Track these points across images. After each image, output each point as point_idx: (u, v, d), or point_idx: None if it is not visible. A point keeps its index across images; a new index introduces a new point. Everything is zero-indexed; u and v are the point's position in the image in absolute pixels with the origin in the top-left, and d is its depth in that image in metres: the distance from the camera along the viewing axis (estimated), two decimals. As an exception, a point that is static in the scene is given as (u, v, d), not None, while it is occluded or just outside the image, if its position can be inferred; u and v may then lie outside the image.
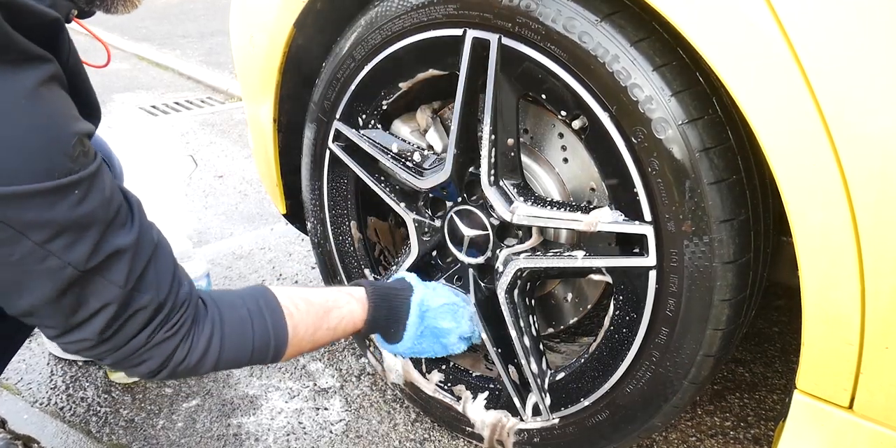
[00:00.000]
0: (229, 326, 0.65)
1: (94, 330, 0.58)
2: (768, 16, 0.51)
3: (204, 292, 0.67)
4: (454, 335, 0.81)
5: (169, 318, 0.61)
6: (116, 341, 0.59)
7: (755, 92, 0.53)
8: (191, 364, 0.63)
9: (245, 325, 0.66)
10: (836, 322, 0.55)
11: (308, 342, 0.71)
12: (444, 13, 0.72)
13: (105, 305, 0.57)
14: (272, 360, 0.69)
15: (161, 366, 0.62)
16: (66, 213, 0.53)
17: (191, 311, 0.63)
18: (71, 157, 0.53)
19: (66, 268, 0.54)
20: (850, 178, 0.50)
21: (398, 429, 0.98)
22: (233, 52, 1.03)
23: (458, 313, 0.81)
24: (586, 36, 0.62)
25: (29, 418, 1.02)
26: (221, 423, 1.00)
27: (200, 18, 3.77)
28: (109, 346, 0.59)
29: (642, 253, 0.66)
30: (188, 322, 0.62)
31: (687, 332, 0.65)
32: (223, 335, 0.64)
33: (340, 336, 0.75)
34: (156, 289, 0.60)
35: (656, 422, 0.72)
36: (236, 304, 0.67)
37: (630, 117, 0.61)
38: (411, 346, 0.80)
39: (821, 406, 0.58)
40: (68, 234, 0.53)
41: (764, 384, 1.03)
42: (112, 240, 0.56)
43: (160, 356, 0.61)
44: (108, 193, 0.56)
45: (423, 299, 0.79)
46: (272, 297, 0.69)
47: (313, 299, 0.72)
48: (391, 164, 0.84)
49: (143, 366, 0.62)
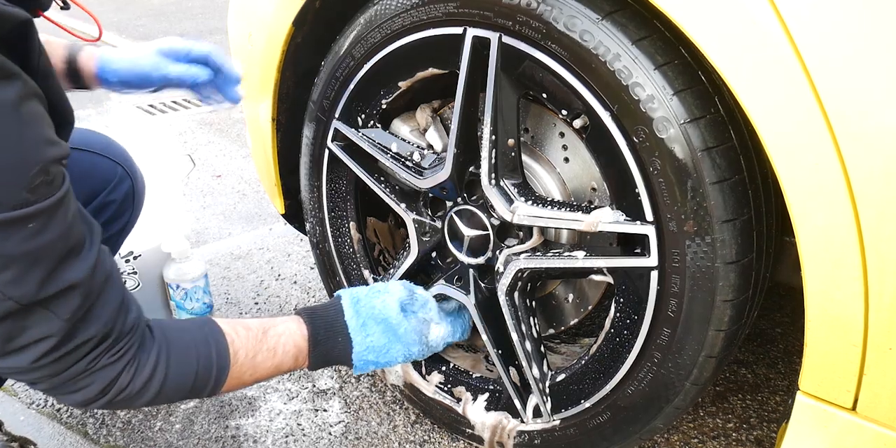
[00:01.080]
0: (175, 351, 0.63)
1: (29, 359, 0.54)
2: (770, 13, 0.50)
3: (150, 319, 0.64)
4: (407, 321, 0.74)
5: (114, 344, 0.58)
6: (54, 368, 0.56)
7: (757, 90, 0.52)
8: (133, 391, 0.60)
9: (189, 350, 0.63)
10: (839, 323, 0.54)
11: (249, 368, 0.67)
12: (444, 11, 0.71)
13: (46, 337, 0.54)
14: (211, 389, 0.66)
15: (101, 392, 0.58)
16: (16, 247, 0.49)
17: (137, 338, 0.60)
18: (28, 188, 0.49)
19: (5, 301, 0.50)
20: (854, 178, 0.50)
21: (398, 430, 0.97)
22: (231, 51, 1.02)
23: (395, 294, 0.75)
24: (587, 34, 0.61)
25: (26, 420, 1.01)
26: (220, 425, 0.99)
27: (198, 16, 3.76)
28: (46, 372, 0.56)
29: (644, 253, 0.65)
30: (134, 347, 0.59)
31: (689, 333, 0.65)
32: (169, 360, 0.62)
33: (283, 362, 0.70)
34: (103, 321, 0.56)
35: (658, 423, 0.72)
36: (182, 329, 0.65)
37: (631, 116, 0.61)
38: (363, 343, 0.72)
39: (824, 407, 0.58)
40: (16, 268, 0.50)
41: (766, 385, 1.02)
42: (64, 274, 0.52)
43: (101, 382, 0.58)
44: (68, 223, 0.53)
45: (352, 295, 0.76)
46: (215, 325, 0.67)
47: (251, 324, 0.70)
48: (391, 164, 0.84)
49: (79, 393, 0.58)
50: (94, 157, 0.86)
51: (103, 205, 0.87)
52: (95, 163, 0.86)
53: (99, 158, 0.87)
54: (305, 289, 1.34)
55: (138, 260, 1.12)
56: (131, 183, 0.89)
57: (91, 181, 0.86)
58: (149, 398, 0.62)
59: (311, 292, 1.33)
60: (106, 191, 0.87)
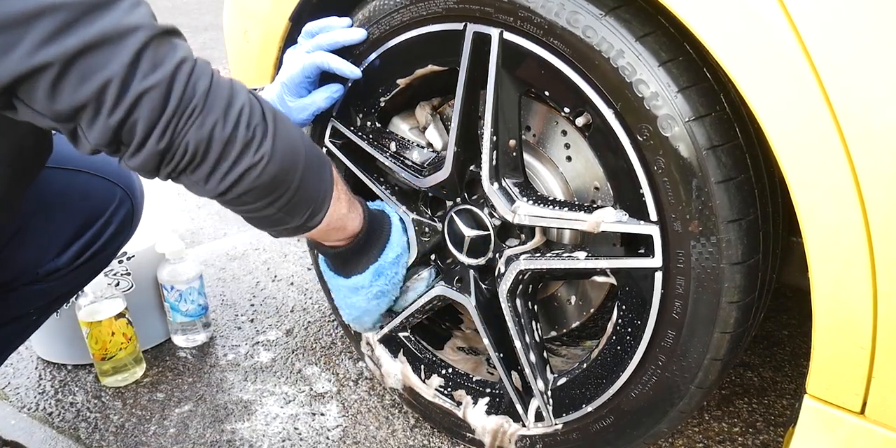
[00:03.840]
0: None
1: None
2: (777, 8, 0.49)
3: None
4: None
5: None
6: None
7: (764, 87, 0.51)
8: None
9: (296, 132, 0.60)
10: (847, 325, 0.53)
11: (344, 201, 0.67)
12: (443, 7, 0.70)
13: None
14: (329, 171, 0.64)
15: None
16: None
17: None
18: None
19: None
20: (862, 177, 0.49)
21: (396, 435, 0.96)
22: (226, 47, 1.01)
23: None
24: (590, 30, 0.60)
25: (17, 424, 1.00)
26: (215, 429, 0.98)
27: (193, 12, 3.74)
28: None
29: (648, 254, 0.64)
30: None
31: (694, 335, 0.64)
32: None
33: (347, 219, 0.70)
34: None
35: (662, 427, 0.71)
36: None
37: (635, 114, 0.60)
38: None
39: (831, 411, 0.57)
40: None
41: (773, 389, 1.01)
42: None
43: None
44: None
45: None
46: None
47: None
48: (389, 163, 0.83)
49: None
50: (93, 180, 0.84)
51: (101, 229, 0.85)
52: (93, 186, 0.84)
53: (97, 180, 0.84)
54: (302, 290, 1.33)
55: (132, 261, 1.10)
56: (131, 204, 0.87)
57: (88, 206, 0.84)
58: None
59: (308, 294, 1.32)
60: (105, 216, 0.85)
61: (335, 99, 0.81)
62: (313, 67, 0.77)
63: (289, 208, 0.62)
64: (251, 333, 1.20)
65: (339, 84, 0.80)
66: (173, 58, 0.51)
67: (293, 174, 0.60)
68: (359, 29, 0.78)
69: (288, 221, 0.64)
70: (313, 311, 1.25)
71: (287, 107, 0.79)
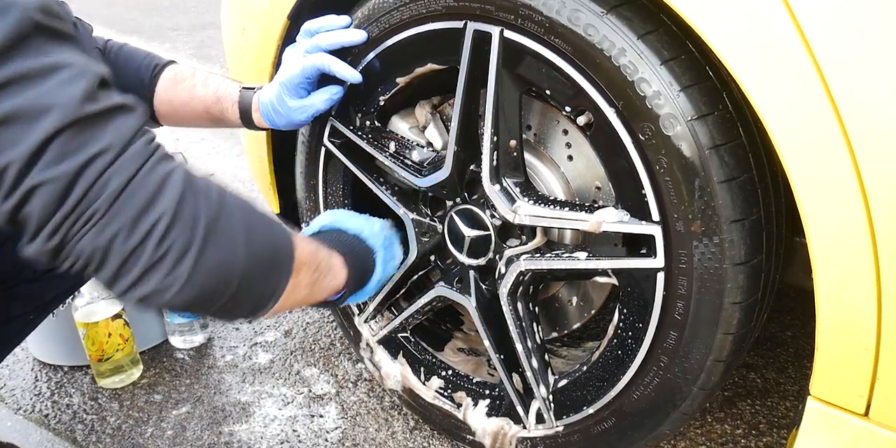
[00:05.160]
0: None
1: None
2: (780, 6, 0.49)
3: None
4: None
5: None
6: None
7: (767, 86, 0.51)
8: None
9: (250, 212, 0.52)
10: (851, 326, 0.53)
11: (311, 265, 0.59)
12: (443, 5, 0.69)
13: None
14: (284, 268, 0.54)
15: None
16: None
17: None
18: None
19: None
20: (866, 176, 0.48)
21: (396, 437, 0.95)
22: (224, 46, 1.01)
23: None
24: (592, 28, 0.59)
25: (13, 426, 0.99)
26: (213, 431, 0.97)
27: (191, 11, 3.72)
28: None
29: (650, 254, 0.63)
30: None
31: (696, 336, 0.63)
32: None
33: (323, 287, 0.63)
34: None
35: (664, 429, 0.70)
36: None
37: (637, 113, 0.59)
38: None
39: (835, 413, 0.57)
40: None
41: (776, 390, 1.00)
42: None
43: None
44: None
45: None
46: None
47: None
48: (389, 162, 0.82)
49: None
50: None
51: None
52: None
53: None
54: (301, 291, 1.32)
55: (129, 261, 1.09)
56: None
57: None
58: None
59: (306, 294, 1.31)
60: None
61: (334, 101, 0.80)
62: (313, 69, 0.76)
63: (221, 314, 0.53)
64: (249, 334, 1.19)
65: (339, 86, 0.80)
66: (90, 148, 0.44)
67: (223, 290, 0.50)
68: (359, 30, 0.77)
69: (225, 318, 0.56)
70: (312, 312, 1.25)
71: (286, 108, 0.78)
